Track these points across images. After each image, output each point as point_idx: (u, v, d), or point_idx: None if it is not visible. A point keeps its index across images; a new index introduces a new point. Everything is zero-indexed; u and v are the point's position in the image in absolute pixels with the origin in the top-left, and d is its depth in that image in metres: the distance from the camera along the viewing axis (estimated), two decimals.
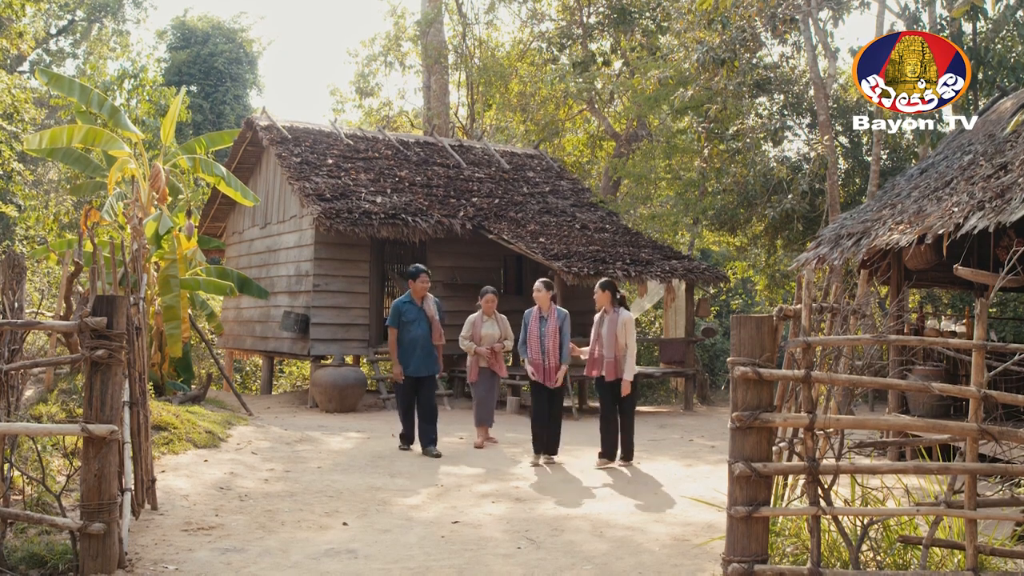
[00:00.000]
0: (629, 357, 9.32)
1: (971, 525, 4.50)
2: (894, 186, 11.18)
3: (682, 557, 5.94)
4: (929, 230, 8.18)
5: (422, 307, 10.24)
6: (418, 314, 10.19)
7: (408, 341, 10.12)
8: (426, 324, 10.17)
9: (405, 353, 10.11)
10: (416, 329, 10.12)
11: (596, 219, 18.68)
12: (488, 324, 10.80)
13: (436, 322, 10.25)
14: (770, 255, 23.99)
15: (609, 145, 27.26)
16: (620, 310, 9.44)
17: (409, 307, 10.21)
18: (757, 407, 4.55)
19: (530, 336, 9.54)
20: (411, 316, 10.14)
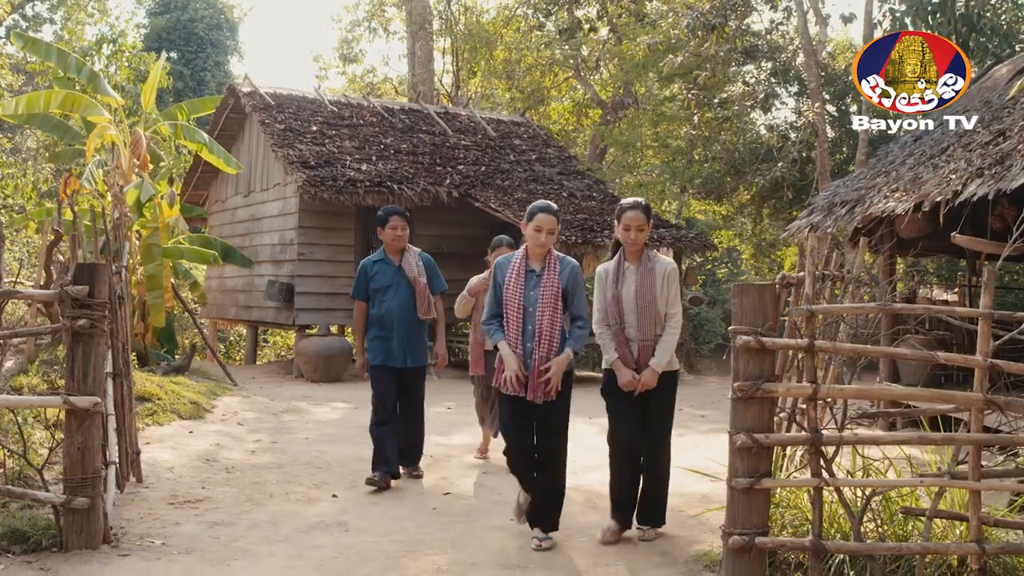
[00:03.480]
0: (671, 335, 5.46)
1: (975, 496, 4.42)
2: (888, 153, 11.09)
3: (678, 528, 5.86)
4: (926, 197, 8.09)
5: (400, 266, 7.09)
6: (395, 276, 7.05)
7: (381, 317, 7.01)
8: (407, 291, 7.04)
9: (378, 335, 7.05)
10: (393, 298, 7.01)
11: (583, 187, 18.53)
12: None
13: (422, 287, 7.08)
14: (756, 224, 23.94)
15: (595, 113, 27.07)
16: (656, 256, 5.62)
17: (381, 267, 7.10)
18: (759, 377, 4.44)
19: (507, 304, 5.37)
20: (384, 280, 7.05)
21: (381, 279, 7.11)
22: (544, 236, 5.34)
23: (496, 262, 5.59)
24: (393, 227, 7.11)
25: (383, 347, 7.04)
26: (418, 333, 7.20)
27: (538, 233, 5.34)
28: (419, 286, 7.12)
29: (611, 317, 5.47)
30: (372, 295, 7.12)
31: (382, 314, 7.05)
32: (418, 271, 7.16)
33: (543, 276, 5.40)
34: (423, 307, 7.16)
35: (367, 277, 7.14)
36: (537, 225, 5.34)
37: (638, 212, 5.47)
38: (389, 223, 7.11)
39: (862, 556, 4.47)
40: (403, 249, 7.20)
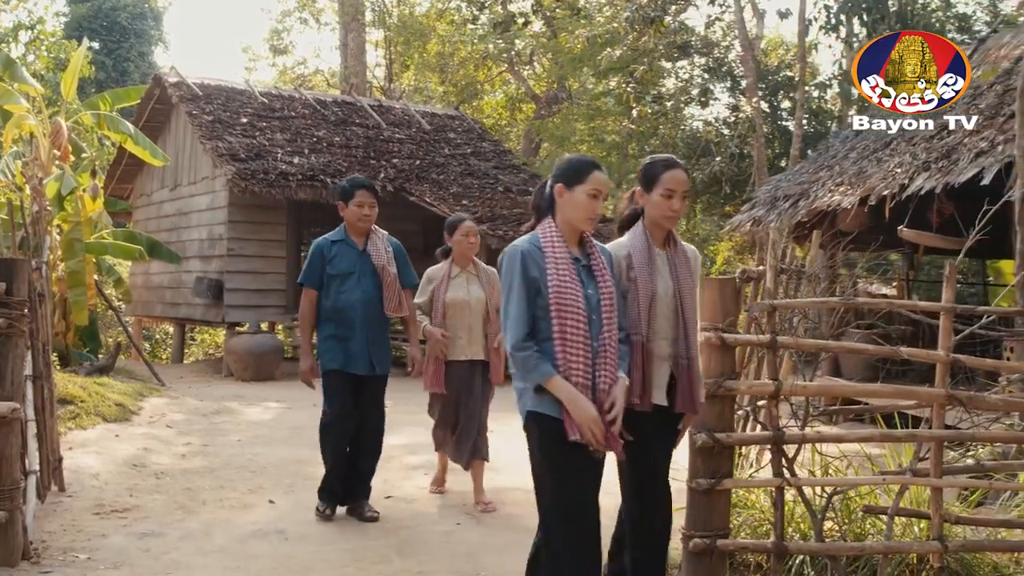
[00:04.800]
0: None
1: (936, 493, 4.33)
2: (829, 147, 11.12)
3: None
4: (872, 191, 8.07)
5: (365, 251, 5.81)
6: (358, 262, 5.76)
7: (340, 311, 5.71)
8: (373, 281, 5.76)
9: (333, 333, 5.75)
10: (355, 289, 5.72)
11: (519, 181, 18.36)
12: (460, 283, 6.23)
13: (392, 278, 5.82)
14: (689, 219, 24.06)
15: (529, 107, 26.93)
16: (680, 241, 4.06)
17: (342, 249, 5.79)
18: (721, 374, 4.28)
19: (562, 312, 3.44)
20: (345, 265, 5.74)
21: (341, 264, 5.75)
22: (600, 204, 3.61)
23: (519, 250, 3.51)
24: (359, 203, 5.74)
25: (341, 348, 5.71)
26: (384, 333, 5.94)
27: (594, 200, 3.56)
28: (388, 276, 5.80)
29: (636, 324, 3.77)
30: (327, 283, 5.75)
31: (341, 307, 5.70)
32: (387, 258, 5.84)
33: (594, 268, 3.61)
34: (392, 302, 5.82)
35: (323, 260, 5.77)
36: (594, 188, 3.55)
37: (682, 172, 3.89)
38: (355, 197, 5.74)
39: (824, 556, 4.36)
40: (369, 231, 5.88)
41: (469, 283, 6.24)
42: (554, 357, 3.42)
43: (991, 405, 4.37)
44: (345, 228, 5.87)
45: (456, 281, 6.22)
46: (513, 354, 3.44)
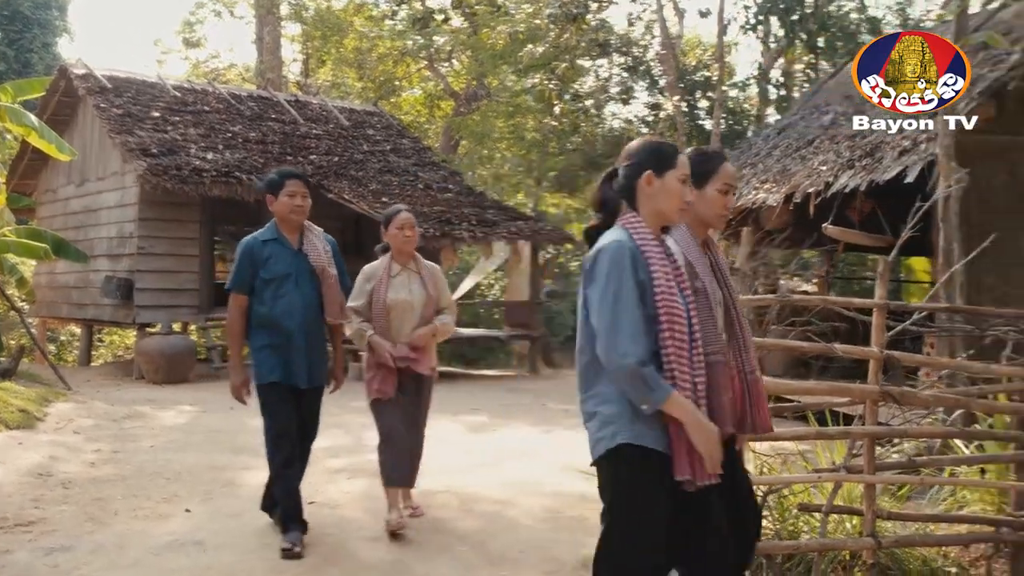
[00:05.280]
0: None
1: (870, 490, 4.35)
2: (751, 145, 11.22)
3: (560, 531, 5.62)
4: (797, 188, 8.14)
5: (301, 250, 5.19)
6: (294, 263, 5.15)
7: (276, 318, 5.09)
8: (311, 284, 5.17)
9: (269, 343, 5.12)
10: (293, 293, 5.11)
11: (439, 179, 18.19)
12: (402, 282, 5.50)
13: (333, 280, 5.23)
14: None
15: (448, 104, 26.75)
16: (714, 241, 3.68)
17: (276, 250, 5.14)
18: None
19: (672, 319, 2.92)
20: (281, 267, 5.11)
21: (276, 266, 5.09)
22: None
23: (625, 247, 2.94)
24: (291, 193, 5.08)
25: (279, 359, 5.09)
26: (323, 341, 5.32)
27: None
28: (329, 279, 5.19)
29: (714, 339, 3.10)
30: (261, 288, 5.10)
31: (277, 314, 5.07)
32: (327, 258, 5.23)
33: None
34: (333, 308, 5.23)
35: (254, 262, 5.10)
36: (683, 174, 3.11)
37: (732, 165, 3.50)
38: (285, 188, 5.09)
39: (760, 555, 4.32)
40: (303, 227, 5.23)
41: (411, 282, 5.52)
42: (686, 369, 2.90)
43: (923, 401, 4.38)
44: (276, 225, 5.20)
45: (397, 280, 5.48)
46: (632, 371, 2.82)
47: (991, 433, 4.63)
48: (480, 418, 10.29)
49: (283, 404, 5.14)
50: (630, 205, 3.10)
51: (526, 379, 15.91)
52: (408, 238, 5.55)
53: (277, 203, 5.14)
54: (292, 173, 5.29)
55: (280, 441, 5.16)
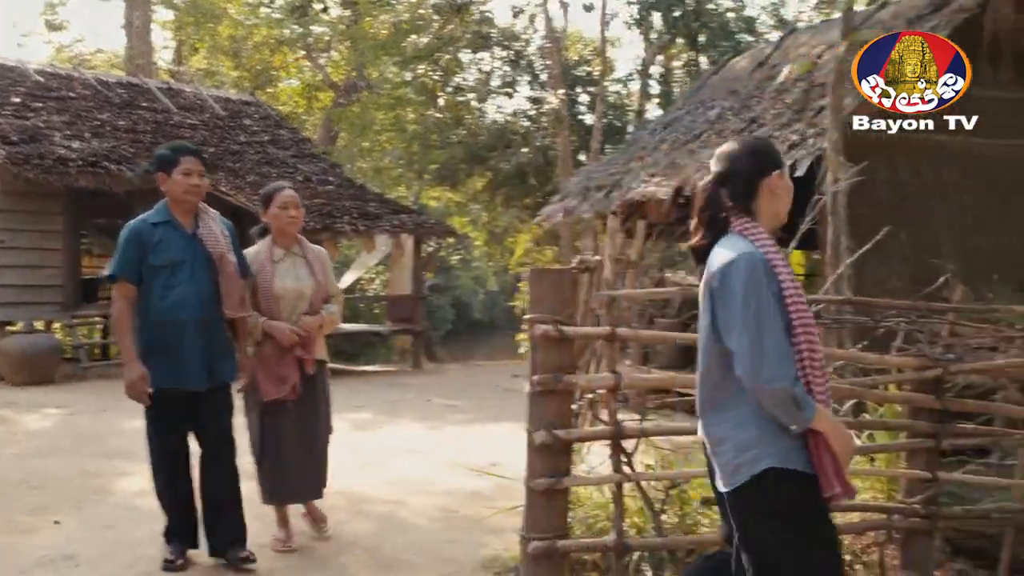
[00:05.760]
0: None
1: None
2: (637, 140, 11.30)
3: (456, 531, 5.48)
4: (688, 182, 8.20)
5: (196, 235, 4.57)
6: (188, 248, 4.54)
7: (166, 312, 4.47)
8: (207, 273, 4.54)
9: (156, 341, 4.48)
10: (187, 283, 4.49)
11: (319, 171, 17.78)
12: (288, 268, 4.99)
13: (232, 269, 4.60)
14: (491, 211, 24.16)
15: (326, 96, 26.22)
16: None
17: (167, 233, 4.54)
18: (559, 368, 4.10)
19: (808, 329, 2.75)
20: (172, 253, 4.50)
21: (168, 252, 4.48)
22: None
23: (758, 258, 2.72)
24: (186, 171, 4.51)
25: (168, 360, 4.46)
26: (223, 334, 4.68)
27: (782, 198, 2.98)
28: (228, 267, 4.56)
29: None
30: (150, 277, 4.47)
31: (167, 308, 4.45)
32: (226, 244, 4.60)
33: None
34: (233, 299, 4.59)
35: (142, 247, 4.47)
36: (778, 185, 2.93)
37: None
38: (180, 165, 4.51)
39: (662, 551, 4.28)
40: (198, 209, 4.63)
41: (297, 267, 5.00)
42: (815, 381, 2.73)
43: None
44: (168, 206, 4.59)
45: (283, 266, 4.95)
46: (785, 394, 2.61)
47: (884, 423, 4.69)
48: (364, 415, 10.05)
49: (170, 414, 4.55)
50: (744, 211, 2.86)
51: (409, 374, 15.71)
52: (293, 219, 5.00)
53: (170, 182, 4.54)
54: (187, 148, 4.71)
55: (163, 460, 4.65)
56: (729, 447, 2.73)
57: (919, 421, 4.44)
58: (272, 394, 4.84)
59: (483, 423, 9.72)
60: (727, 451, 2.73)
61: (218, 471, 4.69)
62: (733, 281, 2.67)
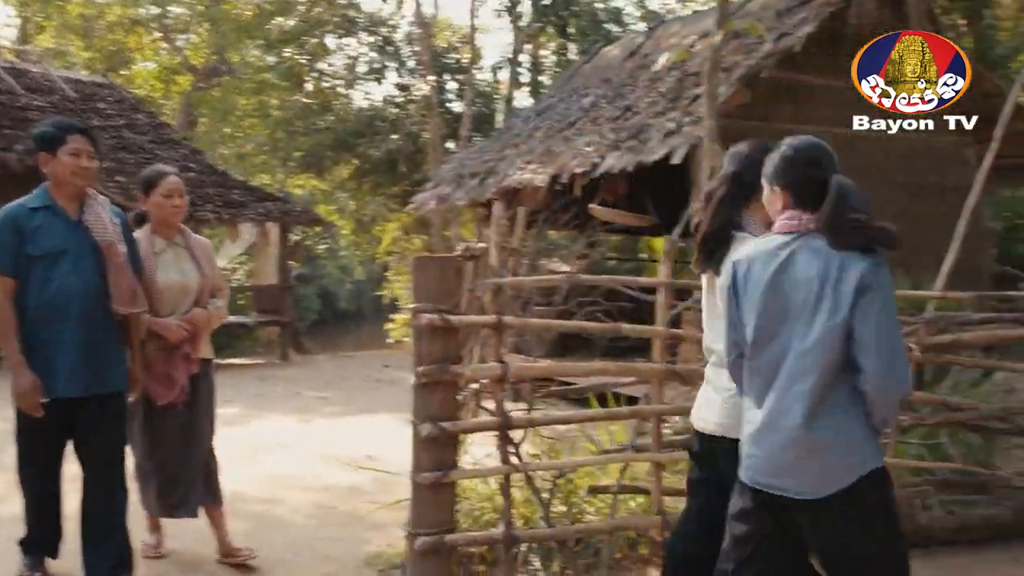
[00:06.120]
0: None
1: (657, 468, 4.36)
2: (511, 127, 11.25)
3: (337, 527, 5.32)
4: (564, 169, 8.18)
5: (81, 221, 3.99)
6: (72, 237, 3.96)
7: (43, 307, 3.89)
8: (93, 263, 3.96)
9: (29, 339, 3.89)
10: (70, 275, 3.91)
11: (179, 157, 17.05)
12: (170, 260, 4.52)
13: (122, 260, 4.02)
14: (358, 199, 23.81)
15: (185, 79, 25.28)
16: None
17: (48, 219, 3.96)
18: (445, 359, 4.00)
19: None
20: (54, 241, 3.92)
21: (47, 240, 3.91)
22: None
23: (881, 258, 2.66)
24: (75, 152, 3.95)
25: (42, 364, 3.88)
26: (110, 334, 4.05)
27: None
28: (117, 258, 3.99)
29: None
30: (26, 268, 3.89)
31: (44, 303, 3.88)
32: (115, 233, 4.03)
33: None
34: (124, 293, 4.01)
35: (18, 235, 3.89)
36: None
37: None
38: (67, 144, 3.94)
39: (551, 541, 4.24)
40: (85, 194, 4.06)
41: (181, 260, 4.54)
42: None
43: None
44: (49, 190, 4.01)
45: (165, 258, 4.48)
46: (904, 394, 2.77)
47: None
48: (233, 410, 9.69)
49: (42, 428, 3.95)
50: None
51: (277, 367, 15.29)
52: (177, 208, 4.51)
53: (55, 163, 3.95)
54: (74, 126, 4.08)
55: (32, 478, 4.14)
56: (839, 449, 2.67)
57: None
58: (163, 397, 4.38)
59: (356, 415, 9.54)
60: (834, 453, 2.66)
61: (100, 494, 4.06)
62: (882, 283, 2.61)
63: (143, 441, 4.49)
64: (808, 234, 2.66)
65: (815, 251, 2.64)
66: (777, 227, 2.73)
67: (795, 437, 2.63)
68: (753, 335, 2.70)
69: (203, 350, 4.62)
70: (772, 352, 2.68)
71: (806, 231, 2.66)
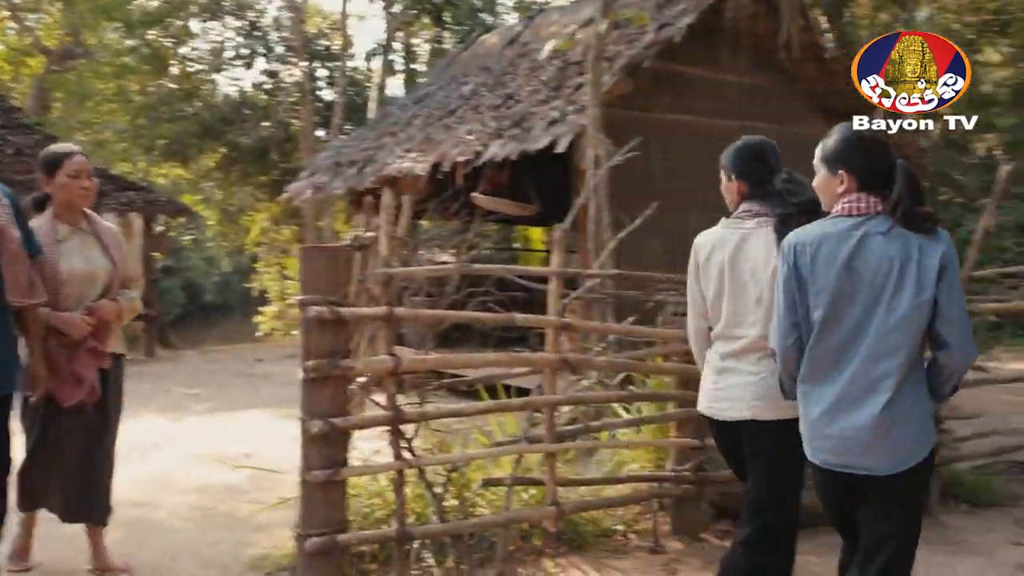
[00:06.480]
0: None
1: (550, 459, 4.32)
2: (388, 115, 11.04)
3: (217, 530, 5.09)
4: (446, 157, 8.06)
5: None
6: None
7: None
8: None
9: None
10: None
11: (32, 144, 16.09)
12: (75, 247, 4.12)
13: (15, 245, 3.59)
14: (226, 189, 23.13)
15: (37, 62, 23.99)
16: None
17: None
18: (335, 353, 3.86)
19: None
20: None
21: None
22: None
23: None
24: None
25: None
26: (6, 333, 3.65)
27: None
28: (10, 243, 3.57)
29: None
30: None
31: None
32: (6, 216, 3.60)
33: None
34: (18, 283, 3.62)
35: None
36: None
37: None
38: None
39: (446, 536, 4.16)
40: None
41: (87, 247, 4.14)
42: None
43: (599, 366, 4.44)
44: None
45: (69, 245, 4.09)
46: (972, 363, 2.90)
47: (658, 394, 4.79)
48: None
49: None
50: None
51: (143, 363, 14.67)
52: (86, 190, 4.13)
53: None
54: None
55: None
56: (914, 428, 2.74)
57: (688, 391, 4.57)
58: (70, 397, 4.00)
59: (230, 411, 9.23)
60: (906, 431, 2.73)
61: None
62: (956, 262, 2.72)
63: (37, 441, 4.11)
64: (876, 216, 2.72)
65: (888, 233, 2.69)
66: (840, 209, 2.77)
67: (880, 414, 2.66)
68: (824, 315, 2.72)
69: (114, 345, 4.23)
70: (842, 333, 2.71)
71: (875, 213, 2.72)
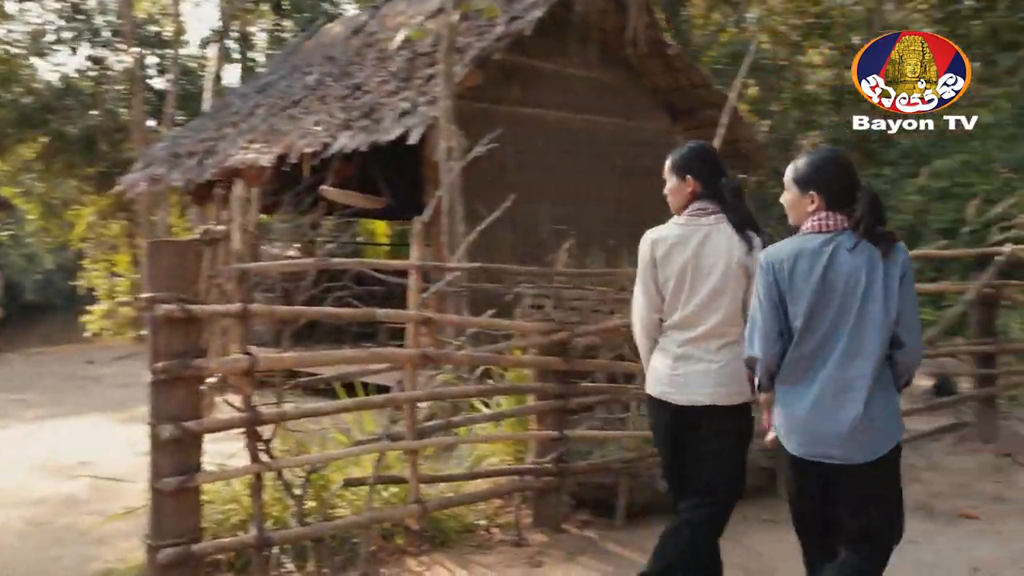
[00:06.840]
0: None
1: (413, 456, 4.25)
2: (228, 104, 10.62)
3: (56, 546, 4.78)
4: (292, 148, 7.79)
5: None
6: None
7: None
8: None
9: None
10: None
11: None
12: None
13: None
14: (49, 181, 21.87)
15: None
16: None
17: None
18: (185, 353, 3.66)
19: None
20: None
21: None
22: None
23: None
24: None
25: None
26: None
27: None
28: None
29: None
30: None
31: None
32: None
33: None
34: None
35: None
36: None
37: None
38: None
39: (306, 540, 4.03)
40: None
41: None
42: None
43: (459, 360, 4.39)
44: None
45: None
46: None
47: (519, 387, 4.76)
48: None
49: None
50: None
51: None
52: None
53: None
54: None
55: None
56: (895, 418, 3.02)
57: (548, 384, 4.58)
58: None
59: (63, 418, 8.72)
60: (880, 425, 2.97)
61: None
62: (910, 270, 3.01)
63: None
64: (843, 232, 2.97)
65: (854, 248, 2.94)
66: (811, 226, 3.01)
67: (857, 411, 2.90)
68: (803, 324, 2.95)
69: None
70: (817, 338, 2.95)
71: (841, 229, 2.97)
